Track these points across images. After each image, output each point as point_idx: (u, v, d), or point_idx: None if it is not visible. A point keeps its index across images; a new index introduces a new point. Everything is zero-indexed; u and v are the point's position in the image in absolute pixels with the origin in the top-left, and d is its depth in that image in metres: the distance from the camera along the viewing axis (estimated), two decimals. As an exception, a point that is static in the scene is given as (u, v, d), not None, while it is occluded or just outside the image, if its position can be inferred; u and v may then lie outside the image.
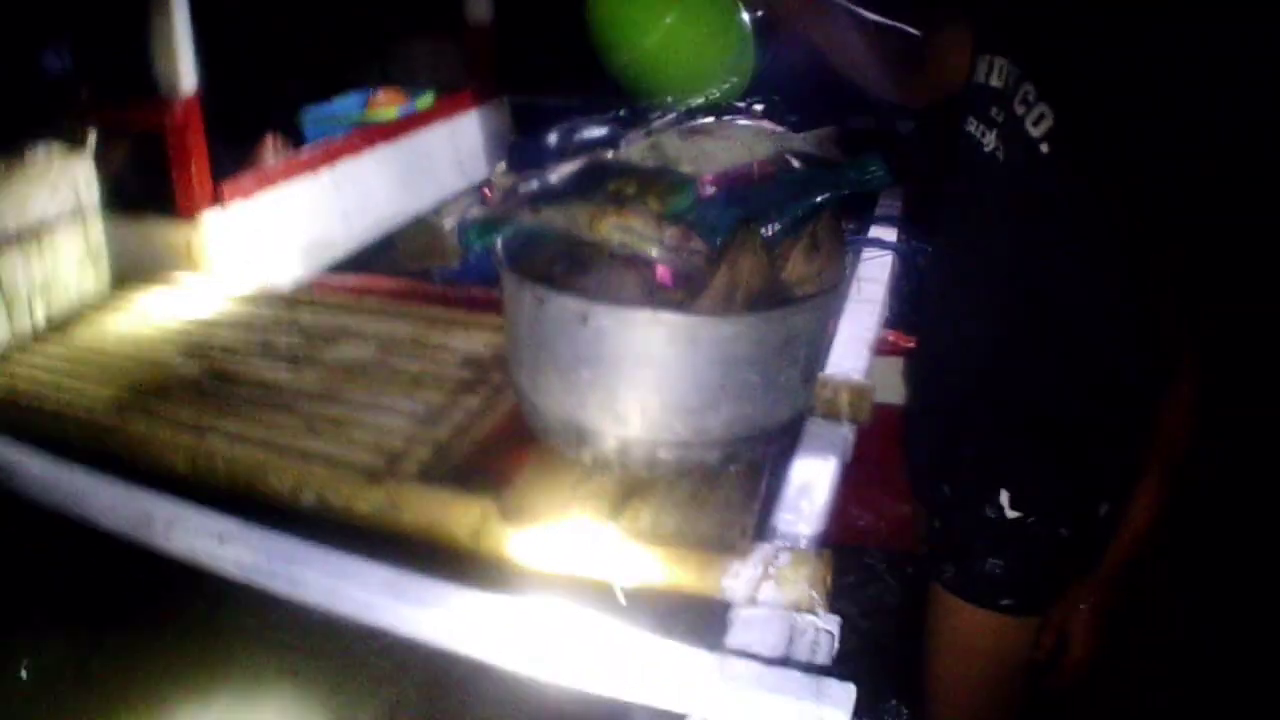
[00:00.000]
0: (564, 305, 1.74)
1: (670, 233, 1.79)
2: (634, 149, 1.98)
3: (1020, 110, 1.75)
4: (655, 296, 1.81)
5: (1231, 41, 1.60)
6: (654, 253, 1.79)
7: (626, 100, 2.21)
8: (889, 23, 2.16)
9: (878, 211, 3.62)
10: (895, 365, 2.59)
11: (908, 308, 3.07)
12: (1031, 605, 1.94)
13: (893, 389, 2.44)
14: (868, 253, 3.24)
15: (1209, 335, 1.68)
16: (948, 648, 2.08)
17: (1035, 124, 1.72)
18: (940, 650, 2.09)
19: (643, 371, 1.74)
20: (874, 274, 3.07)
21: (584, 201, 1.86)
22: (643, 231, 1.79)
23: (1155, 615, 2.36)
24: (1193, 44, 1.60)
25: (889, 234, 3.40)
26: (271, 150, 4.05)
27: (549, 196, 1.92)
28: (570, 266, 1.87)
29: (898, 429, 2.32)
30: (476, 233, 1.96)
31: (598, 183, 1.91)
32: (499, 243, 1.92)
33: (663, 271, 1.82)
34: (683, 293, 1.81)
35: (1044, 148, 1.70)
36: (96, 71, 3.96)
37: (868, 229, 3.45)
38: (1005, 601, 1.94)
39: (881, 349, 2.66)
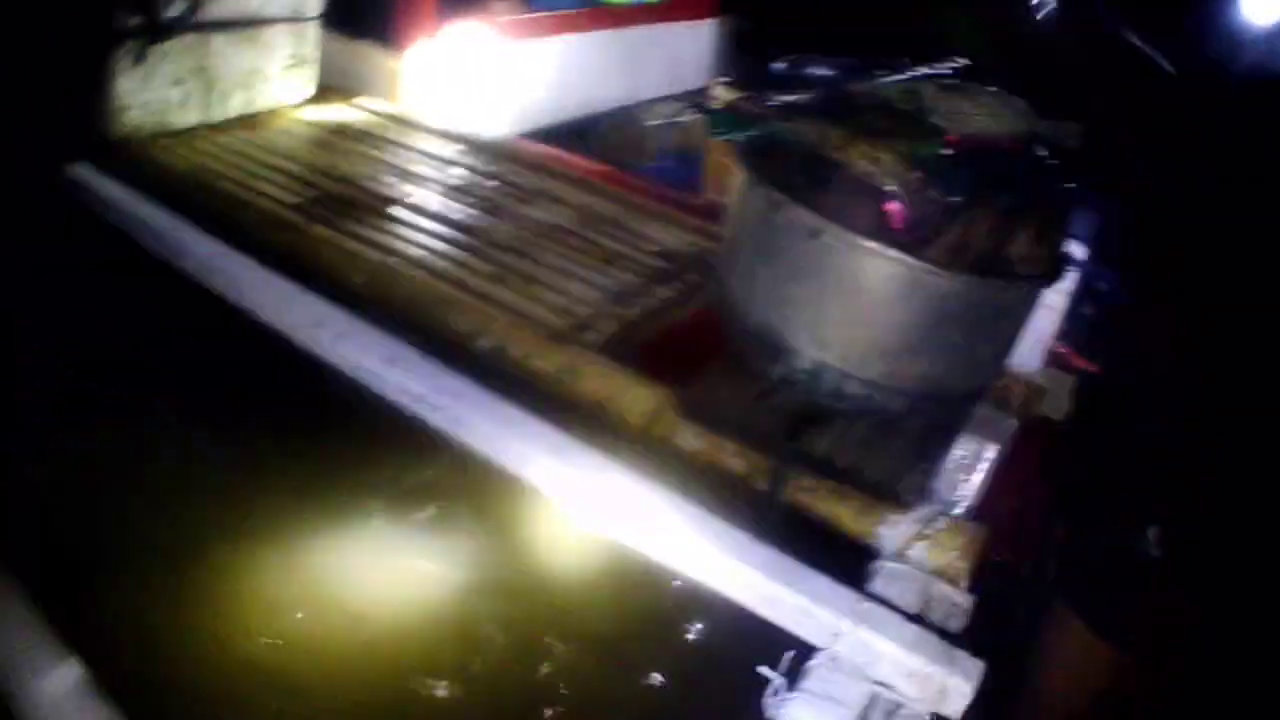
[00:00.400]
0: (798, 216, 1.74)
1: (915, 175, 1.77)
2: (892, 88, 1.96)
3: None
4: (887, 232, 1.78)
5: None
6: (894, 189, 1.76)
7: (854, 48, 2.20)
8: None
9: (1073, 226, 3.56)
10: (1062, 381, 2.55)
11: (1085, 331, 3.02)
12: (1156, 647, 1.91)
13: (1057, 404, 2.40)
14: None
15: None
16: (1062, 670, 2.05)
17: None
18: (1053, 671, 2.06)
19: (856, 301, 1.74)
20: (1059, 284, 3.02)
21: (839, 124, 1.84)
22: (889, 167, 1.78)
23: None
24: None
25: (1079, 251, 3.34)
26: (507, 6, 4.05)
27: (802, 111, 1.90)
28: (809, 182, 1.85)
29: (1046, 441, 2.28)
30: (727, 122, 1.96)
31: (852, 110, 1.89)
32: (743, 140, 1.90)
33: (894, 211, 1.79)
34: (912, 238, 1.78)
35: None
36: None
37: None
38: (1132, 639, 1.91)
39: (1051, 360, 2.62)
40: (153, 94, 2.79)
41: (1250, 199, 1.63)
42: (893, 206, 1.82)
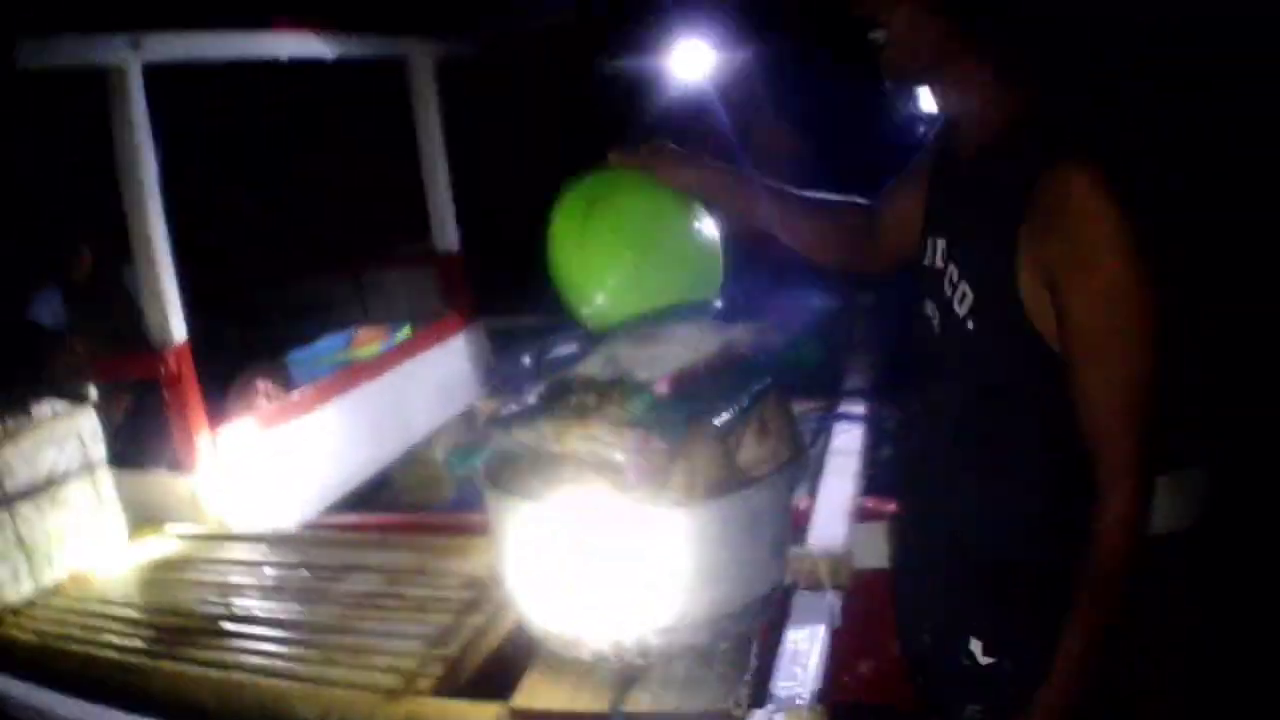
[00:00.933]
0: (541, 514, 1.90)
1: (631, 437, 1.92)
2: (592, 362, 2.13)
3: (948, 291, 1.90)
4: (626, 497, 1.93)
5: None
6: (618, 457, 1.92)
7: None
8: (836, 198, 2.30)
9: (845, 386, 3.76)
10: (879, 530, 2.70)
11: (885, 473, 3.17)
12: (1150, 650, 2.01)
13: (879, 553, 2.55)
14: (840, 425, 3.38)
15: (1150, 453, 1.72)
16: None
17: (960, 303, 1.87)
18: None
19: (622, 566, 1.89)
20: (847, 446, 3.20)
21: (550, 418, 2.00)
22: (606, 439, 1.93)
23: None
24: None
25: (857, 405, 3.54)
26: (264, 394, 4.20)
27: (519, 417, 2.06)
28: (545, 480, 2.00)
29: (884, 592, 2.40)
30: (458, 458, 2.09)
31: (562, 398, 2.05)
32: (480, 466, 2.06)
33: (631, 473, 1.95)
34: (653, 490, 1.93)
35: (969, 324, 1.85)
36: (86, 324, 4.16)
37: (837, 404, 3.59)
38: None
39: (863, 515, 2.77)
40: None
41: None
42: (628, 470, 1.98)
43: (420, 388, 4.67)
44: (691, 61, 4.81)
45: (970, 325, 1.84)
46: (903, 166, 2.18)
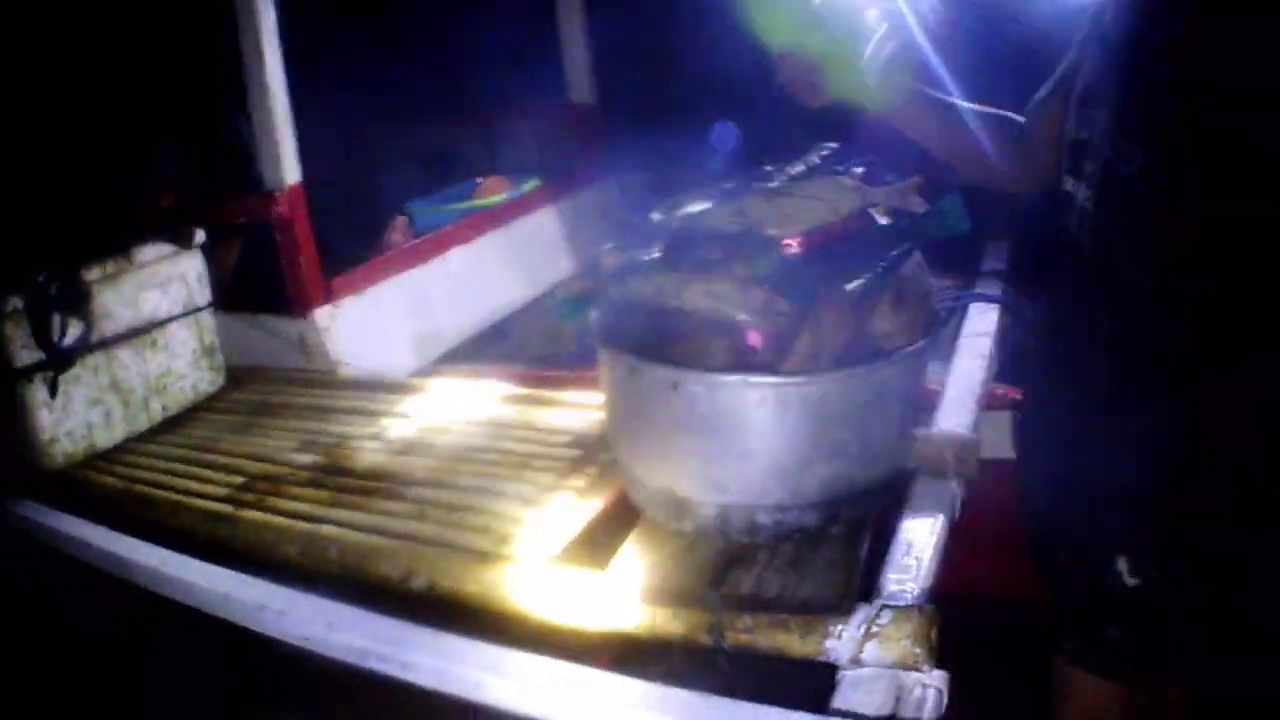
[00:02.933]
0: (654, 374, 1.78)
1: (755, 296, 1.80)
2: (720, 214, 2.00)
3: (1110, 155, 1.73)
4: (746, 360, 1.82)
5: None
6: (741, 317, 1.80)
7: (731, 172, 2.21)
8: (987, 110, 2.15)
9: (984, 266, 3.59)
10: (1006, 420, 2.55)
11: (1015, 361, 3.02)
12: (1158, 674, 1.89)
13: (1005, 443, 2.40)
14: (975, 307, 3.21)
15: None
16: (1075, 716, 2.02)
17: (1127, 164, 1.70)
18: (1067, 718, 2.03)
19: (735, 436, 1.76)
20: (980, 328, 3.03)
21: (670, 271, 1.88)
22: (728, 296, 1.82)
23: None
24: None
25: (994, 288, 3.37)
26: (402, 234, 4.15)
27: (638, 269, 1.94)
28: (661, 336, 1.89)
29: (1011, 484, 2.27)
30: (568, 308, 1.99)
31: (684, 251, 1.93)
32: (592, 317, 1.95)
33: (753, 335, 1.83)
34: (774, 354, 1.81)
35: (1137, 187, 1.68)
36: (205, 167, 4.11)
37: (974, 283, 3.43)
38: (1130, 671, 1.89)
39: (991, 403, 2.62)
40: (74, 421, 2.85)
41: None
42: (749, 333, 1.86)
43: (546, 240, 4.61)
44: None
45: (1141, 187, 1.68)
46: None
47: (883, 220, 1.99)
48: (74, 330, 2.83)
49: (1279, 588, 1.69)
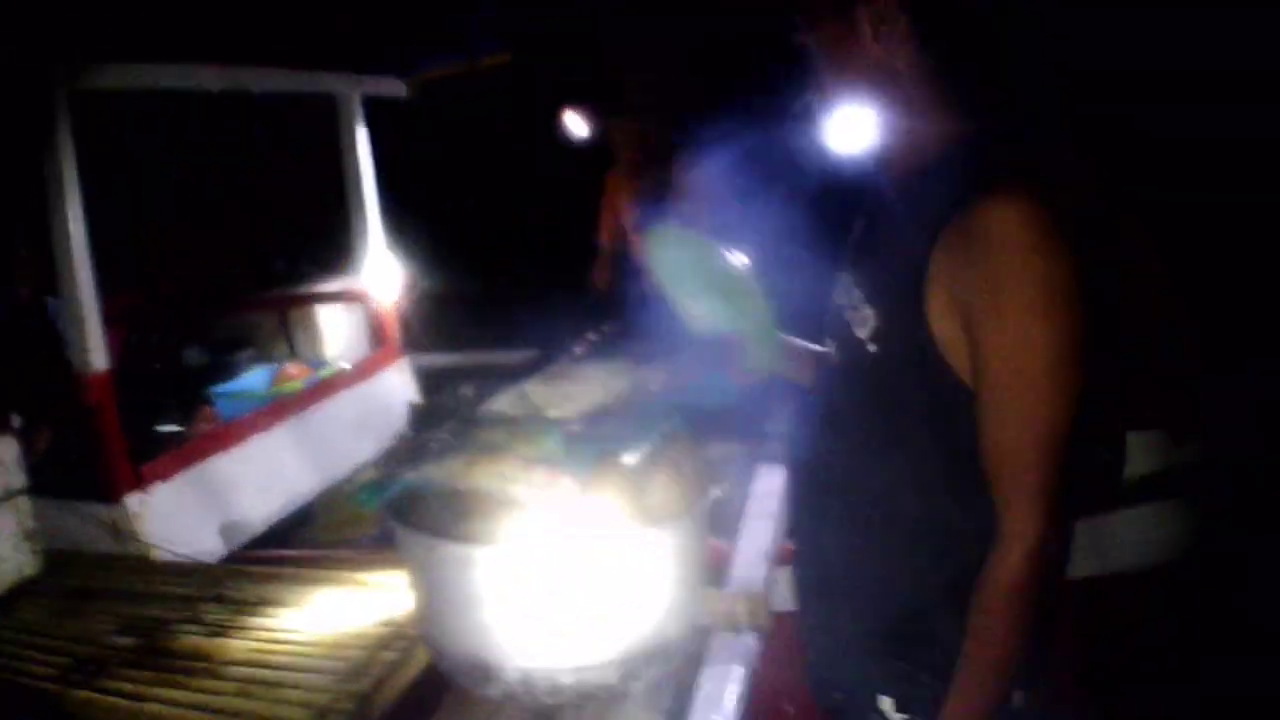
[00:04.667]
0: (449, 550, 1.90)
1: (538, 474, 1.92)
2: (503, 399, 2.13)
3: (849, 316, 1.89)
4: (533, 534, 1.93)
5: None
6: (526, 493, 1.91)
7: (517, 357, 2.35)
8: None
9: (767, 428, 3.77)
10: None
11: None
12: None
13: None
14: (763, 467, 3.38)
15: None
16: None
17: (861, 326, 1.85)
18: None
19: (530, 603, 1.88)
20: (768, 487, 3.20)
21: (459, 454, 2.00)
22: (513, 474, 1.94)
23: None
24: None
25: (780, 448, 3.54)
26: (208, 422, 4.19)
27: (429, 453, 2.06)
28: (454, 514, 2.00)
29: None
30: (368, 494, 2.08)
31: (473, 435, 2.05)
32: (390, 501, 2.05)
33: (538, 509, 1.95)
34: (558, 527, 1.93)
35: (871, 348, 1.84)
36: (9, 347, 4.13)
37: (759, 446, 3.59)
38: None
39: (784, 559, 2.77)
40: None
41: None
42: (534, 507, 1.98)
43: (345, 424, 4.67)
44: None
45: (872, 349, 1.82)
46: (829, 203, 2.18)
47: (655, 393, 2.14)
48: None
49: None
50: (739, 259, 2.32)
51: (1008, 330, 1.61)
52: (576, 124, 5.17)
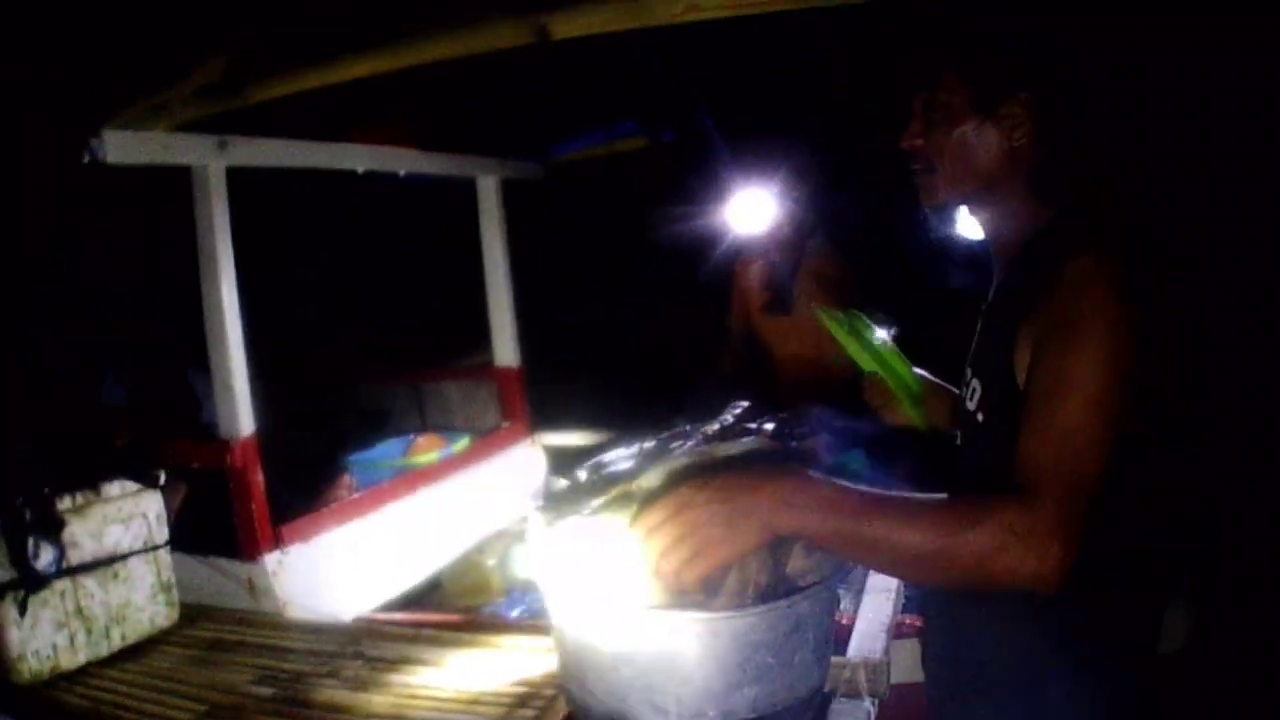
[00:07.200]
0: (593, 613, 1.99)
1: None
2: (652, 474, 2.21)
3: (965, 393, 2.02)
4: (677, 599, 2.02)
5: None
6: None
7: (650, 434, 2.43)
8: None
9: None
10: (914, 646, 2.78)
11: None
12: None
13: (915, 668, 2.61)
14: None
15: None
16: None
17: (972, 398, 1.98)
18: None
19: (674, 664, 1.97)
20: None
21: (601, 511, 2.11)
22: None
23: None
24: None
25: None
26: (346, 490, 4.38)
27: (570, 511, 2.16)
28: (601, 580, 2.08)
29: (919, 702, 2.45)
30: (516, 562, 2.18)
31: (620, 508, 2.14)
32: (539, 565, 2.15)
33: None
34: (702, 594, 2.02)
35: (979, 416, 1.93)
36: (156, 407, 4.30)
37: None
38: None
39: (901, 632, 2.85)
40: (41, 641, 3.00)
41: None
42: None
43: (475, 497, 4.81)
44: (749, 203, 4.97)
45: (980, 418, 1.93)
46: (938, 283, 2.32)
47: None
48: (45, 554, 2.99)
49: None
50: (887, 329, 2.45)
51: (1068, 352, 1.69)
52: (754, 205, 5.05)
